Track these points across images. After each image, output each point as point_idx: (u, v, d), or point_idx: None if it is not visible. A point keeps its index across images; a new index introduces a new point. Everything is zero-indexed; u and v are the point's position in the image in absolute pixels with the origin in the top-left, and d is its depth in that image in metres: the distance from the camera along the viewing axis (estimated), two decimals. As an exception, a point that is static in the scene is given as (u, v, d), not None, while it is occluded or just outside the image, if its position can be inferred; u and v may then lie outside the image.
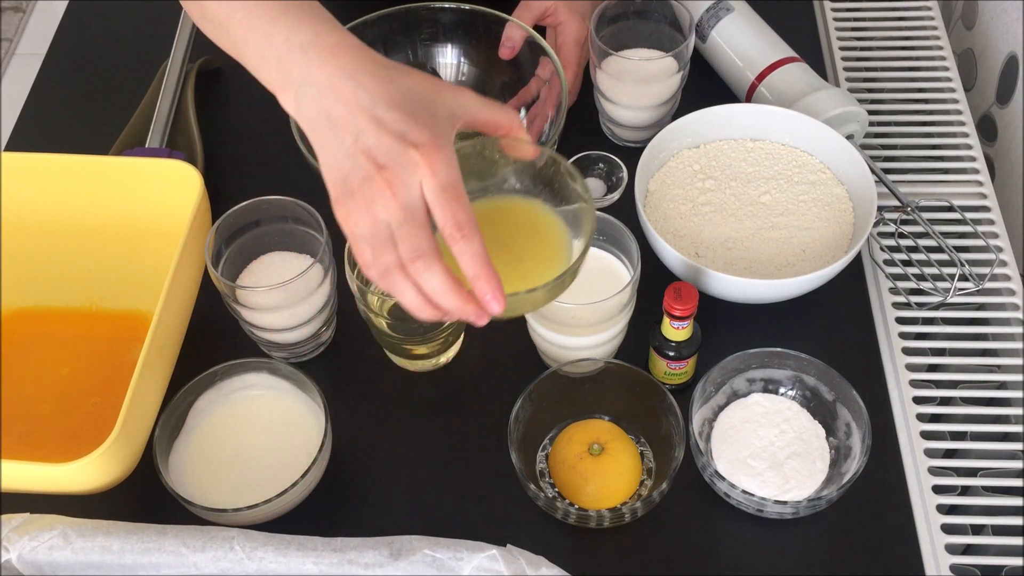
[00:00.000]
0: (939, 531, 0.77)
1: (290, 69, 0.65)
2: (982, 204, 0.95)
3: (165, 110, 0.99)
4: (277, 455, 0.78)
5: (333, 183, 0.63)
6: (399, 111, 0.62)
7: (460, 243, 0.61)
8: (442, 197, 0.60)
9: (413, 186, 0.61)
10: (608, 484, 0.76)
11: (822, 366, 0.79)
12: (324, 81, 0.63)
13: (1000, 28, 1.07)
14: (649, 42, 0.98)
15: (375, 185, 0.61)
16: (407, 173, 0.61)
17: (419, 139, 0.61)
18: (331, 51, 0.64)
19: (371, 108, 0.62)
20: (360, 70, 0.63)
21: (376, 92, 0.62)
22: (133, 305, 0.89)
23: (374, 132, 0.61)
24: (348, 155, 0.62)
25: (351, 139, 0.62)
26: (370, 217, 0.61)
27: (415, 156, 0.60)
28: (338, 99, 0.63)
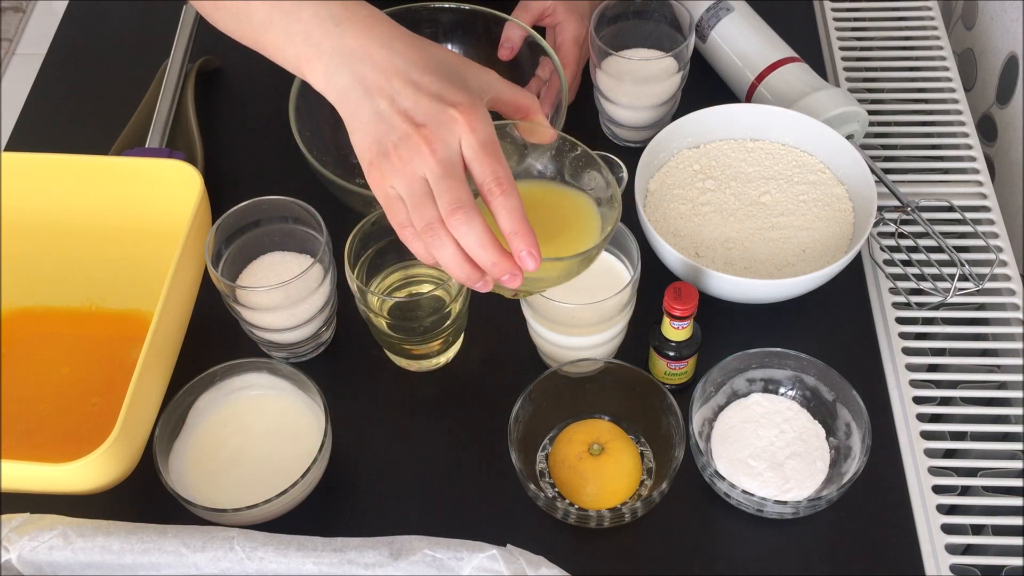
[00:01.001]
0: (939, 531, 0.77)
1: (321, 41, 0.65)
2: (982, 204, 0.95)
3: (165, 110, 0.99)
4: (277, 455, 0.78)
5: (367, 147, 0.63)
6: (434, 75, 0.63)
7: (500, 198, 0.61)
8: (481, 153, 0.62)
9: (452, 142, 0.62)
10: (608, 484, 0.76)
11: (822, 366, 0.79)
12: (359, 49, 0.64)
13: (1000, 28, 1.07)
14: (649, 42, 0.98)
15: (413, 142, 0.61)
16: (446, 129, 0.62)
17: (456, 99, 0.62)
18: (364, 22, 0.65)
19: (407, 72, 0.63)
20: (394, 38, 0.64)
21: (411, 57, 0.64)
22: (133, 305, 0.89)
23: (411, 93, 0.62)
24: (383, 117, 0.63)
25: (386, 102, 0.63)
26: (408, 174, 0.62)
27: (454, 114, 0.62)
28: (374, 65, 0.63)
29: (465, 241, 0.62)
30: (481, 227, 0.61)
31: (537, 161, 0.73)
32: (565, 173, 0.73)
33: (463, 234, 0.62)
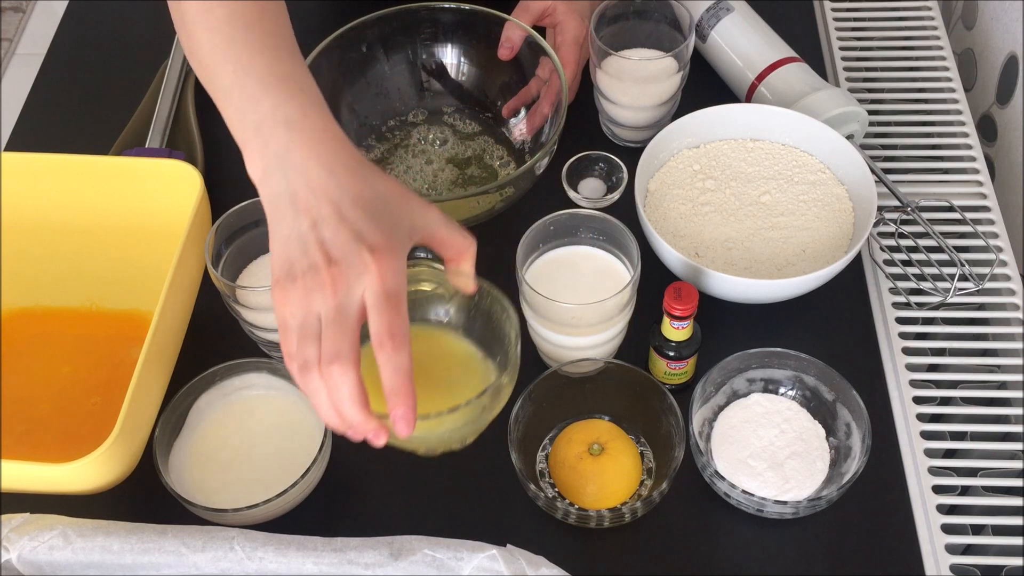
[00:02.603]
0: (939, 531, 0.77)
1: (269, 139, 0.64)
2: (982, 204, 0.95)
3: (165, 110, 0.99)
4: (277, 455, 0.78)
5: (279, 264, 0.62)
6: (363, 211, 0.61)
7: (389, 352, 0.59)
8: (383, 304, 0.60)
9: (356, 288, 0.60)
10: (608, 484, 0.76)
11: (822, 366, 0.79)
12: (300, 163, 0.63)
13: (1000, 28, 1.07)
14: (649, 42, 0.98)
15: (319, 277, 0.60)
16: (354, 273, 0.60)
17: (375, 242, 0.60)
18: (314, 135, 0.64)
19: (338, 200, 0.62)
20: (337, 162, 0.63)
21: (346, 185, 0.62)
22: (133, 305, 0.89)
23: (334, 224, 0.61)
24: (301, 239, 0.61)
25: (308, 224, 0.61)
26: (305, 307, 0.60)
27: (367, 259, 0.60)
28: (307, 183, 0.62)
29: (334, 394, 0.60)
30: (352, 384, 0.59)
31: (452, 307, 0.73)
32: (476, 325, 0.72)
33: (334, 386, 0.60)
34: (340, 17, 0.96)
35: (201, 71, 0.69)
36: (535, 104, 0.97)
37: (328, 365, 0.59)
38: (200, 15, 0.68)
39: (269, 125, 0.64)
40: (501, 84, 1.00)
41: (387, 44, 0.99)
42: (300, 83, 0.66)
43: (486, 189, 0.87)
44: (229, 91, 0.66)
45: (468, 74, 1.01)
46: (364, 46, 0.98)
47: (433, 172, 0.97)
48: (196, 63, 0.70)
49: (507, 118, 0.99)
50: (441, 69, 1.01)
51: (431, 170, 0.97)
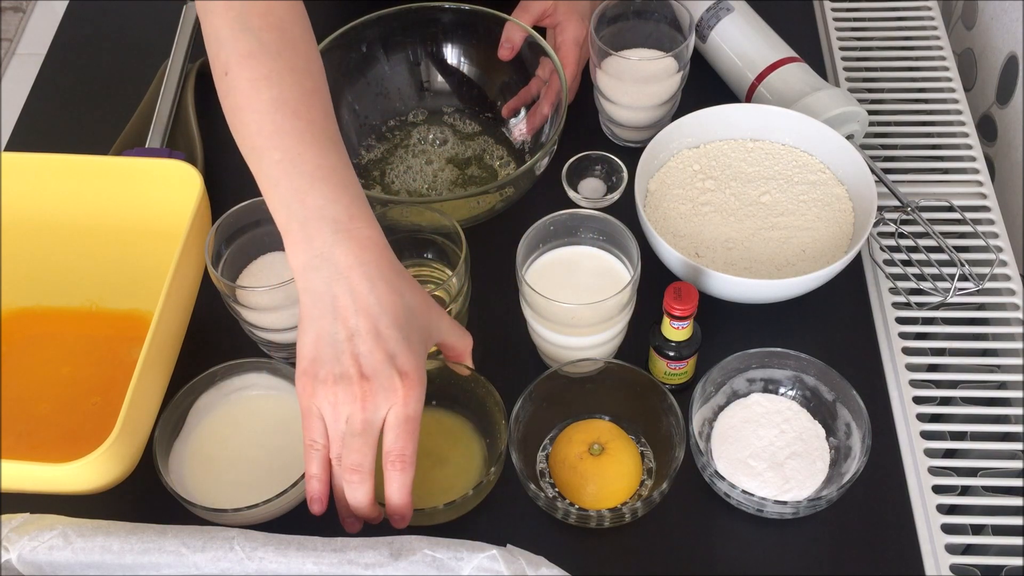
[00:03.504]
0: (939, 531, 0.77)
1: (314, 236, 0.66)
2: (982, 204, 0.95)
3: (165, 110, 0.99)
4: (277, 455, 0.78)
5: (308, 356, 0.66)
6: (397, 330, 0.65)
7: (398, 473, 0.67)
8: (403, 428, 0.66)
9: (382, 408, 0.65)
10: (608, 484, 0.76)
11: (822, 366, 0.79)
12: (343, 268, 0.65)
13: (1000, 28, 1.07)
14: (649, 42, 0.98)
15: (351, 390, 0.65)
16: (383, 395, 0.65)
17: (406, 367, 0.65)
18: (359, 242, 0.66)
19: (376, 316, 0.65)
20: (378, 273, 0.66)
21: (385, 303, 0.65)
22: (133, 305, 0.89)
23: (371, 342, 0.65)
24: (335, 346, 0.65)
25: (345, 334, 0.65)
26: (336, 410, 0.66)
27: (397, 383, 0.65)
28: (349, 290, 0.65)
29: (351, 495, 0.68)
30: (368, 492, 0.68)
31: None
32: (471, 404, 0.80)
33: (352, 490, 0.68)
34: (340, 17, 0.96)
35: (246, 150, 0.71)
36: (535, 104, 0.97)
37: (350, 473, 0.67)
38: (248, 95, 0.69)
39: (315, 222, 0.66)
40: (501, 84, 1.00)
41: (387, 44, 0.99)
42: (345, 180, 0.68)
43: (486, 189, 0.87)
44: (276, 179, 0.68)
45: (468, 74, 1.01)
46: (364, 46, 0.98)
47: (433, 172, 0.97)
48: (240, 140, 0.71)
49: (507, 118, 0.99)
50: (441, 69, 1.01)
51: (431, 170, 0.97)
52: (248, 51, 0.70)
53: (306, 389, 0.67)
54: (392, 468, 0.67)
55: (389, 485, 0.68)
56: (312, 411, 0.67)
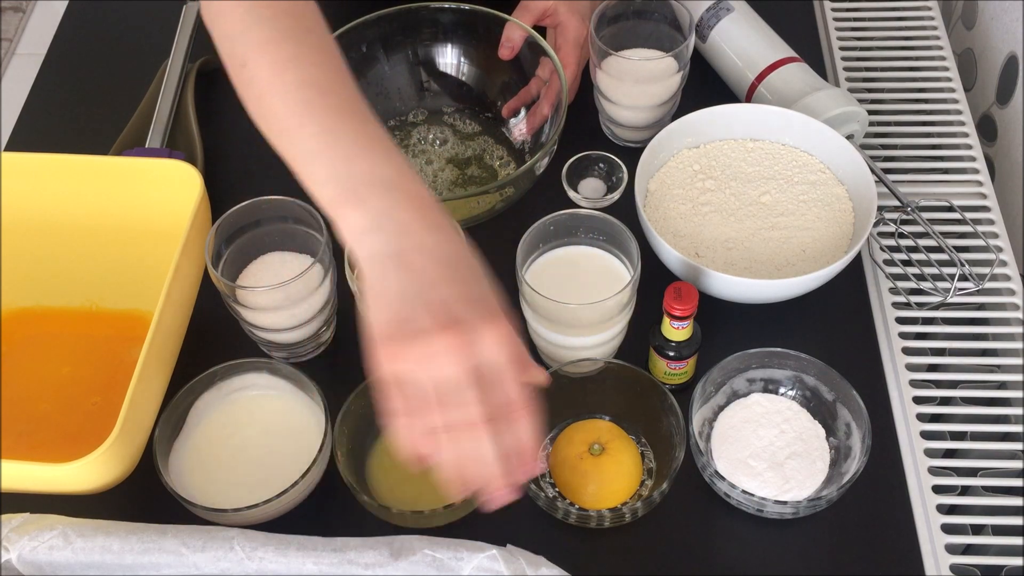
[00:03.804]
0: (939, 531, 0.77)
1: (367, 199, 0.62)
2: (982, 204, 0.95)
3: (165, 110, 0.99)
4: (277, 455, 0.78)
5: (388, 321, 0.59)
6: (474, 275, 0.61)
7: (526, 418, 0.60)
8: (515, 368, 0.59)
9: (484, 352, 0.58)
10: (609, 484, 0.76)
11: (822, 366, 0.79)
12: (405, 223, 0.61)
13: (1000, 28, 1.07)
14: (649, 42, 0.98)
15: (446, 340, 0.58)
16: (480, 336, 0.58)
17: (495, 307, 0.60)
18: (416, 199, 0.63)
19: (452, 265, 0.61)
20: (439, 225, 0.62)
21: (457, 252, 0.61)
22: (133, 305, 0.89)
23: (455, 287, 0.59)
24: (415, 299, 0.59)
25: (425, 286, 0.59)
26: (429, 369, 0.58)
27: (491, 323, 0.59)
28: (418, 246, 0.61)
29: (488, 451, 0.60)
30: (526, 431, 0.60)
31: None
32: None
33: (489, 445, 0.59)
34: (340, 17, 0.95)
35: (275, 134, 0.67)
36: (535, 104, 0.97)
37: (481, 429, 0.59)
38: (271, 79, 0.67)
39: (366, 185, 0.63)
40: (501, 84, 1.00)
41: (387, 44, 0.99)
42: (387, 146, 0.65)
43: (486, 189, 0.87)
44: (315, 152, 0.64)
45: (468, 74, 1.01)
46: (364, 46, 0.98)
47: (433, 172, 0.97)
48: (267, 126, 0.68)
49: (507, 118, 0.99)
50: (441, 69, 1.01)
51: (431, 170, 0.97)
52: (266, 38, 0.68)
53: (389, 355, 0.59)
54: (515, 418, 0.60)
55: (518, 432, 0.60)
56: (399, 376, 0.59)
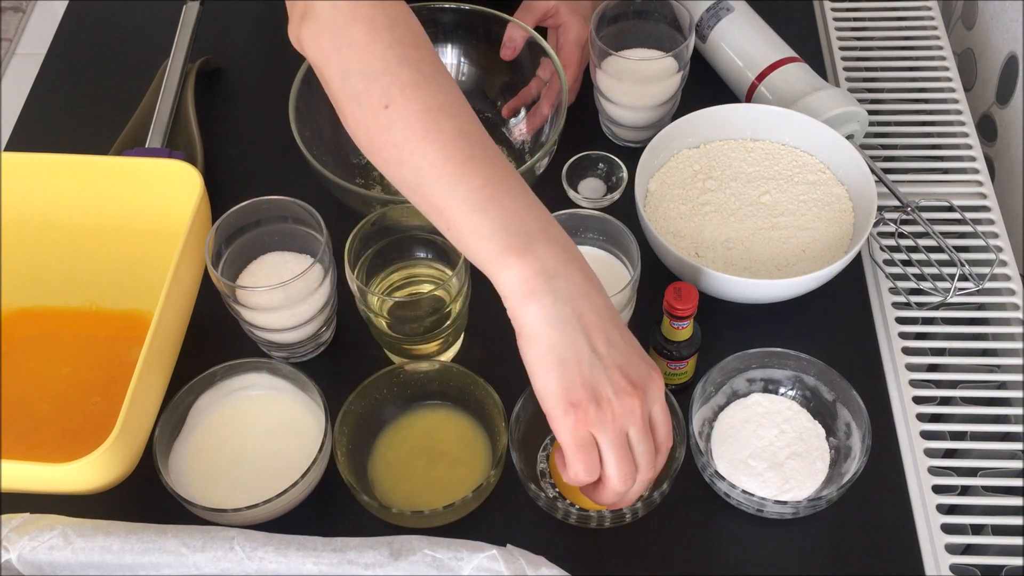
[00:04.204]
0: (939, 531, 0.77)
1: (544, 256, 0.63)
2: (982, 204, 0.95)
3: (165, 110, 0.99)
4: (277, 455, 0.78)
5: (570, 388, 0.63)
6: (629, 333, 0.66)
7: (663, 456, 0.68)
8: (666, 418, 0.67)
9: (651, 405, 0.65)
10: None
11: (822, 366, 0.79)
12: (580, 285, 0.64)
13: (1000, 28, 1.07)
14: (649, 42, 0.98)
15: (629, 402, 0.63)
16: (651, 394, 0.65)
17: (651, 365, 0.66)
18: (580, 260, 0.65)
19: (618, 326, 0.65)
20: (597, 281, 0.66)
21: (614, 311, 0.66)
22: (133, 305, 0.89)
23: (626, 350, 0.64)
24: (598, 363, 0.63)
25: (603, 347, 0.63)
26: (614, 429, 0.64)
27: (655, 379, 0.65)
28: (591, 307, 0.64)
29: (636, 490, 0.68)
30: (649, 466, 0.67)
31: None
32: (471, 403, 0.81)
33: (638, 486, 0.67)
34: (340, 17, 0.95)
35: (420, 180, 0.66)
36: (535, 104, 0.97)
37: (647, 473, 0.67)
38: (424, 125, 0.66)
39: (543, 244, 0.64)
40: (501, 84, 1.00)
41: (387, 44, 0.99)
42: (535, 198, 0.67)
43: (486, 189, 0.87)
44: (481, 205, 0.64)
45: (468, 74, 1.01)
46: (364, 46, 0.98)
47: (433, 172, 0.97)
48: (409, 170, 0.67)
49: (507, 118, 0.99)
50: (441, 69, 1.01)
51: (431, 170, 0.97)
52: (412, 81, 0.66)
53: (576, 421, 0.63)
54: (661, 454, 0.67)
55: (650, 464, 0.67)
56: (586, 440, 0.64)
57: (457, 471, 0.78)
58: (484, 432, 0.80)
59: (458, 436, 0.80)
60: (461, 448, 0.79)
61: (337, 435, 0.77)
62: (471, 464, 0.79)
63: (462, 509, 0.75)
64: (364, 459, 0.79)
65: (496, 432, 0.77)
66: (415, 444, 0.80)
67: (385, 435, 0.80)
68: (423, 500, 0.76)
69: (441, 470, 0.78)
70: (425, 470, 0.78)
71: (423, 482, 0.77)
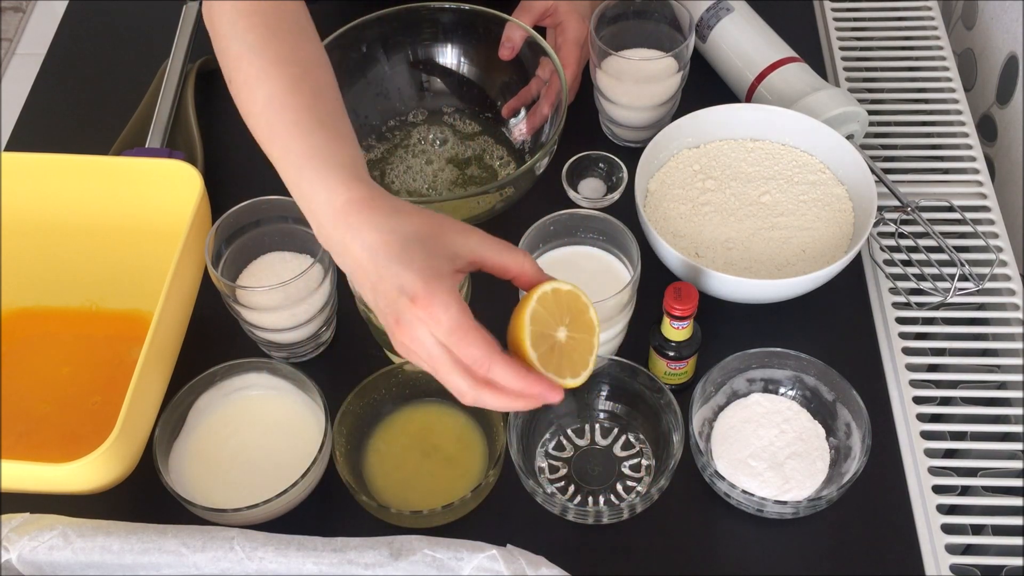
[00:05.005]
0: (939, 531, 0.77)
1: (317, 226, 0.68)
2: (982, 204, 0.95)
3: (165, 110, 0.99)
4: (277, 455, 0.78)
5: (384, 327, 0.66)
6: (395, 262, 0.64)
7: (488, 375, 0.63)
8: (451, 341, 0.62)
9: (426, 337, 0.63)
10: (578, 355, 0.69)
11: (822, 366, 0.79)
12: (339, 243, 0.66)
13: (1000, 28, 1.07)
14: (649, 42, 0.98)
15: (399, 339, 0.64)
16: (416, 328, 0.63)
17: (414, 290, 0.63)
18: (342, 211, 0.66)
19: (375, 266, 0.64)
20: (365, 226, 0.65)
21: (375, 246, 0.64)
22: (133, 305, 0.89)
23: (381, 289, 0.64)
24: (376, 309, 0.65)
25: (371, 295, 0.65)
26: (417, 359, 0.65)
27: (416, 311, 0.62)
28: (352, 260, 0.66)
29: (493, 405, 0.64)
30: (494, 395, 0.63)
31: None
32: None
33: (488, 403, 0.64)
34: (340, 17, 0.96)
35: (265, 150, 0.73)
36: (535, 104, 0.97)
37: (467, 401, 0.64)
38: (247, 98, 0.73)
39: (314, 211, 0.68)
40: (501, 84, 1.00)
41: (387, 44, 0.99)
42: (328, 156, 0.69)
43: (486, 189, 0.87)
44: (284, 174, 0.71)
45: (468, 74, 1.01)
46: (364, 46, 0.98)
47: (433, 172, 0.97)
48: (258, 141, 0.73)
49: (507, 118, 0.99)
50: (441, 69, 1.01)
51: (431, 170, 0.97)
52: (239, 54, 0.73)
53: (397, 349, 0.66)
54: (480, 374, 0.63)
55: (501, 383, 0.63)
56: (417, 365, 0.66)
57: (453, 470, 0.78)
58: (482, 432, 0.80)
59: (455, 435, 0.80)
60: (458, 447, 0.79)
61: (335, 435, 0.77)
62: (467, 463, 0.79)
63: (461, 509, 0.75)
64: (363, 459, 0.79)
65: (494, 432, 0.77)
66: (411, 442, 0.80)
67: (381, 434, 0.80)
68: (423, 500, 0.76)
69: (437, 468, 0.78)
70: (420, 468, 0.78)
71: (418, 480, 0.78)
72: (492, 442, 0.78)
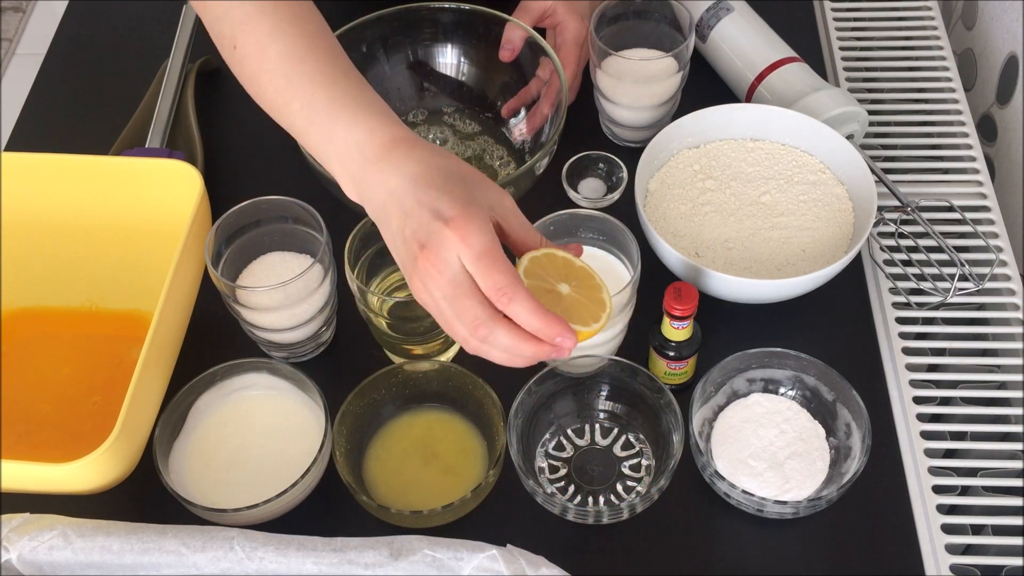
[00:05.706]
0: (939, 531, 0.77)
1: (350, 167, 0.68)
2: (982, 204, 0.95)
3: (165, 110, 0.99)
4: (277, 455, 0.78)
5: (400, 263, 0.66)
6: (435, 189, 0.64)
7: (508, 306, 0.62)
8: (478, 265, 0.62)
9: (453, 260, 0.63)
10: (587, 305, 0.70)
11: (822, 366, 0.79)
12: (376, 176, 0.66)
13: (1000, 28, 1.07)
14: (649, 42, 0.98)
15: (421, 266, 0.63)
16: (444, 249, 0.62)
17: (450, 213, 0.63)
18: (384, 147, 0.67)
19: (413, 192, 0.65)
20: (409, 160, 0.66)
21: (417, 175, 0.65)
22: (133, 305, 0.89)
23: (415, 214, 0.64)
24: (401, 240, 0.65)
25: (399, 224, 0.65)
26: (429, 296, 0.64)
27: (447, 231, 0.62)
28: (388, 190, 0.66)
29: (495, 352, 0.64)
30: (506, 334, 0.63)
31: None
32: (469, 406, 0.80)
33: (493, 345, 0.63)
34: (340, 17, 0.96)
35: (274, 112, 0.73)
36: (535, 104, 0.97)
37: (475, 334, 0.63)
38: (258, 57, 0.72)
39: (345, 153, 0.68)
40: (501, 84, 1.00)
41: (387, 44, 0.99)
42: (360, 101, 0.69)
43: (486, 189, 0.87)
44: (304, 129, 0.71)
45: (468, 74, 1.01)
46: (364, 46, 0.98)
47: (433, 172, 0.97)
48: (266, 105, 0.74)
49: (507, 118, 0.99)
50: (441, 69, 1.01)
51: (431, 170, 0.97)
52: (246, 16, 0.72)
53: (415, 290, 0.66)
54: (501, 306, 0.63)
55: (517, 320, 0.63)
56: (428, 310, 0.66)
57: (453, 470, 0.78)
58: (481, 432, 0.80)
59: (455, 435, 0.80)
60: (458, 448, 0.79)
61: (335, 435, 0.77)
62: (467, 463, 0.79)
63: (461, 509, 0.75)
64: (362, 459, 0.79)
65: (494, 432, 0.77)
66: (411, 443, 0.80)
67: (382, 434, 0.80)
68: (422, 500, 0.76)
69: (436, 468, 0.78)
70: (420, 468, 0.78)
71: (422, 482, 0.78)
72: (492, 442, 0.78)
